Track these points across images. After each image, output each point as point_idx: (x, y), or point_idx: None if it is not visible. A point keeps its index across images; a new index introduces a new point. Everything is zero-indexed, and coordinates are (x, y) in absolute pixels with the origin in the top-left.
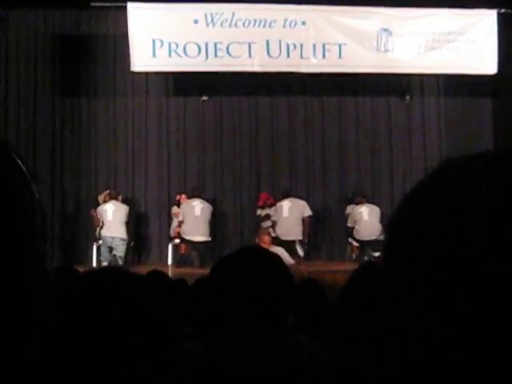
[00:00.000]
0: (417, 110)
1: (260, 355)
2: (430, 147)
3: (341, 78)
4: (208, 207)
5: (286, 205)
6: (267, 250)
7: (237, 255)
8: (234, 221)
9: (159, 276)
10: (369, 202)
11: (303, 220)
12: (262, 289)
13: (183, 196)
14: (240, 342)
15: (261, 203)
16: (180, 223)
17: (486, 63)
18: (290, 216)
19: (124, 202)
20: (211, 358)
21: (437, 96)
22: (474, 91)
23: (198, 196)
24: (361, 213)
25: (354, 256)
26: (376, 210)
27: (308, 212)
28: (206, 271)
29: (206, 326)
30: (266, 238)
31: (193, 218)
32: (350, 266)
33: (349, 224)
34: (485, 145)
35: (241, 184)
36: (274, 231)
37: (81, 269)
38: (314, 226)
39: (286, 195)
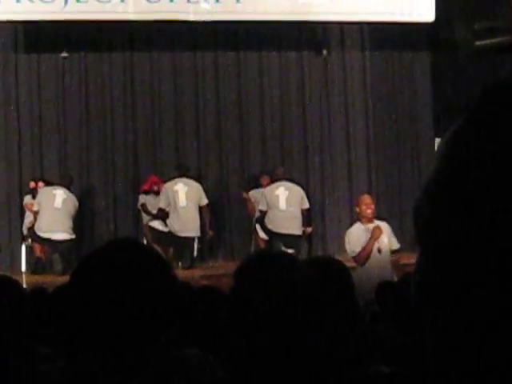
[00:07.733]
0: (336, 67)
1: (136, 374)
2: (353, 113)
3: (239, 28)
4: (73, 199)
5: (181, 189)
6: (143, 245)
7: (103, 253)
8: (106, 215)
9: (7, 285)
10: (288, 179)
11: (201, 209)
12: (136, 295)
13: (40, 183)
14: (108, 360)
15: (146, 187)
16: (35, 217)
17: (421, 9)
18: (188, 205)
19: None
20: (70, 381)
21: (361, 50)
22: (406, 43)
23: (64, 185)
24: (277, 196)
25: None
26: (297, 191)
27: (205, 199)
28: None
29: (67, 343)
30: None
31: (51, 210)
32: None
33: (260, 207)
34: (421, 108)
35: (114, 166)
36: (166, 225)
37: None
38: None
39: (181, 173)
